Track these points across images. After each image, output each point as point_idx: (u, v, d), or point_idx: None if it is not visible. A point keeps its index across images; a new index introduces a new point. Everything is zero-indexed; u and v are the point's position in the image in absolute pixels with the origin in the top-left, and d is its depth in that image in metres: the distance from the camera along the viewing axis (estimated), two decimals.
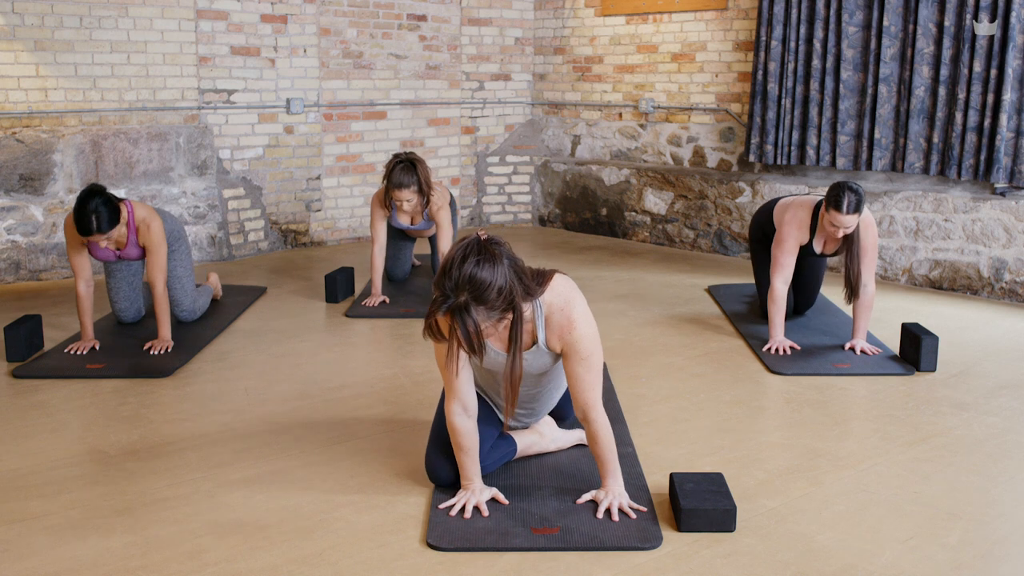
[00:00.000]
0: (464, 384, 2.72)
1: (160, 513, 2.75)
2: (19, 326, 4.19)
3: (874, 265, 4.22)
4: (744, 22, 6.70)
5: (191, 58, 6.24)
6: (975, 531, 2.66)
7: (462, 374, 2.71)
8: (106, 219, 3.99)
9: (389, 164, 4.92)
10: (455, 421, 2.72)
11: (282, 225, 6.83)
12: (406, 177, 4.86)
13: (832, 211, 4.09)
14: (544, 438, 3.13)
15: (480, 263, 2.37)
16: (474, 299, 2.37)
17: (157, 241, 4.28)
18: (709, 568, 2.45)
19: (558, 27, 7.81)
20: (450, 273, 2.38)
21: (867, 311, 4.24)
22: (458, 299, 2.36)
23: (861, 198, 4.06)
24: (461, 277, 2.36)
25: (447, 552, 2.52)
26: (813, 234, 4.34)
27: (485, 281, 2.37)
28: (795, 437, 3.36)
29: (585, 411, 2.67)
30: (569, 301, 2.64)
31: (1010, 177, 5.44)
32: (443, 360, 2.70)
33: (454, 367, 2.65)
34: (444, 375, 2.74)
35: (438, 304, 2.39)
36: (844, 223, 4.09)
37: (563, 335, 2.64)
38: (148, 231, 4.25)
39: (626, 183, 7.26)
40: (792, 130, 6.28)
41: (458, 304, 2.36)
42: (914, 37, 5.66)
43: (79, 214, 3.96)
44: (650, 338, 4.60)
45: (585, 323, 2.64)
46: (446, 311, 2.39)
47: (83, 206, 3.95)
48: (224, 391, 3.83)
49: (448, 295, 2.37)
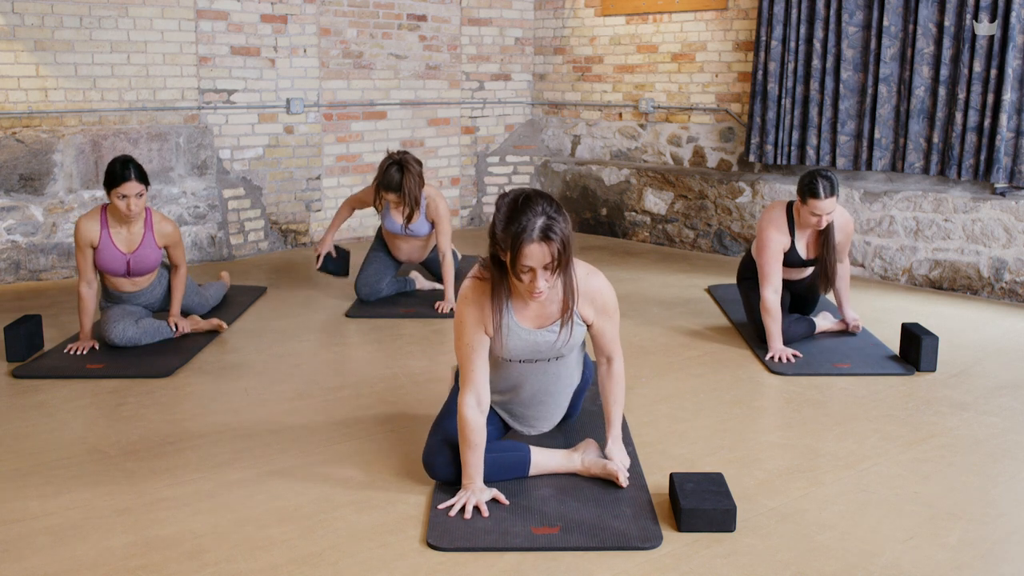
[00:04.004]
0: (482, 377, 2.75)
1: (160, 513, 2.74)
2: (19, 326, 4.19)
3: (848, 248, 4.48)
4: (744, 22, 6.70)
5: (191, 58, 6.24)
6: (975, 531, 2.66)
7: (482, 369, 2.75)
8: (140, 171, 4.16)
9: (382, 163, 4.91)
10: (467, 413, 2.72)
11: (282, 225, 6.83)
12: (396, 179, 4.84)
13: (810, 200, 4.14)
14: (572, 461, 2.96)
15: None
16: (556, 215, 2.54)
17: (177, 238, 4.44)
18: (709, 568, 2.45)
19: (558, 27, 7.81)
20: (535, 200, 2.55)
21: (846, 284, 4.54)
22: (549, 214, 2.52)
23: (834, 181, 4.16)
24: (548, 201, 2.56)
25: (447, 552, 2.52)
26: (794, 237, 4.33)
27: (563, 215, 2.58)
28: (795, 437, 3.36)
29: (611, 356, 2.95)
30: (590, 269, 2.84)
31: (1010, 177, 5.44)
32: (466, 350, 2.73)
33: (477, 348, 2.74)
34: (463, 365, 2.75)
35: (525, 222, 2.51)
36: (824, 208, 4.14)
37: (594, 298, 2.82)
38: (167, 232, 4.38)
39: (626, 183, 7.26)
40: (792, 130, 6.29)
41: (549, 218, 2.52)
42: (914, 37, 5.66)
43: (115, 165, 4.14)
44: (650, 338, 4.60)
45: (608, 285, 2.87)
46: (543, 231, 2.50)
47: (119, 161, 4.17)
48: (224, 391, 3.83)
49: (541, 213, 2.52)
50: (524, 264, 2.53)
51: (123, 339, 4.28)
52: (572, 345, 2.87)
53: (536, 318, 2.79)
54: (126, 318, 4.33)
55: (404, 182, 4.84)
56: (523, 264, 2.53)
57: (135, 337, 4.31)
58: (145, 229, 4.29)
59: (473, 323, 2.73)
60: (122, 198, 4.13)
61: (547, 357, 2.86)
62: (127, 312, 4.38)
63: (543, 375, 2.92)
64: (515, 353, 2.82)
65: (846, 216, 4.39)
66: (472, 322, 2.73)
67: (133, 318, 4.36)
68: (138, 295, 4.47)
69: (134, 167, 4.16)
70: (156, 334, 4.38)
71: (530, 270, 2.55)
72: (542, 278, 2.56)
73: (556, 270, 2.57)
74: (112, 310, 4.39)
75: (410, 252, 5.29)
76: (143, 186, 4.17)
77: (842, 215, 4.37)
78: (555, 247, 2.52)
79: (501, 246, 2.57)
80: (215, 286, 5.11)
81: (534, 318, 2.79)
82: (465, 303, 2.74)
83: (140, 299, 4.49)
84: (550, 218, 2.52)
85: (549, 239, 2.51)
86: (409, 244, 5.24)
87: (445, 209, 5.03)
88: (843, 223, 4.37)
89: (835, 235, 4.32)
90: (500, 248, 2.59)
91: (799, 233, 4.33)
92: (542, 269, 2.55)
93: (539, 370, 2.90)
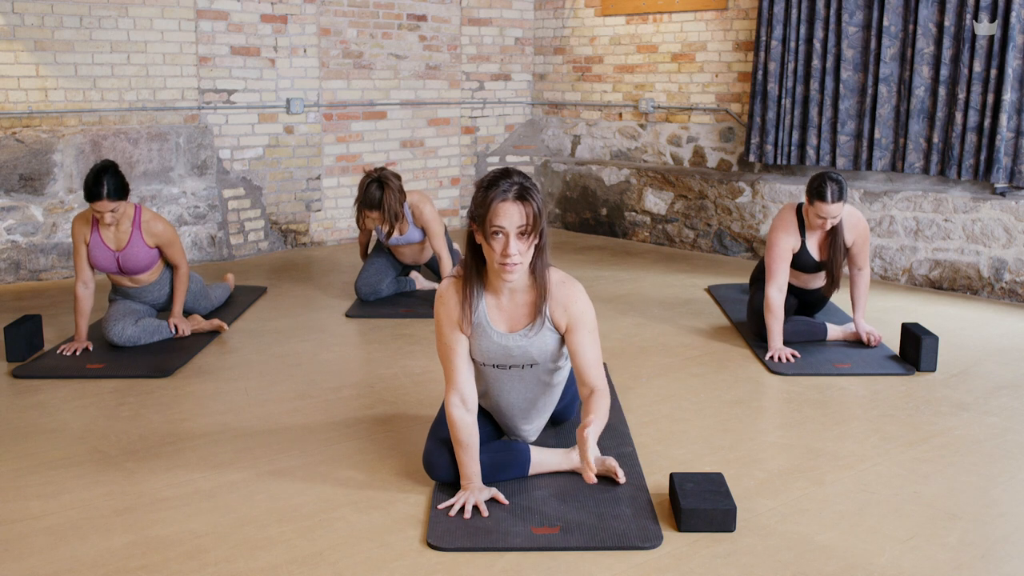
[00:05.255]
0: (464, 376, 2.75)
1: (160, 513, 2.74)
2: (19, 326, 4.19)
3: (866, 253, 4.41)
4: (744, 22, 6.70)
5: (191, 58, 6.24)
6: (975, 531, 2.66)
7: (463, 368, 2.75)
8: (114, 187, 4.09)
9: (361, 183, 4.93)
10: (453, 413, 2.73)
11: (282, 225, 6.83)
12: (376, 196, 4.87)
13: (817, 203, 4.13)
14: (571, 459, 2.96)
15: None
16: (532, 186, 2.58)
17: (170, 236, 4.37)
18: (709, 568, 2.45)
19: (558, 27, 7.81)
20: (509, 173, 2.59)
21: (862, 293, 4.45)
22: (524, 183, 2.56)
23: (843, 185, 4.13)
24: (523, 176, 2.59)
25: (447, 552, 2.52)
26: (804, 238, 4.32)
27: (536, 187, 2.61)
28: (795, 437, 3.36)
29: (594, 386, 2.73)
30: (566, 277, 2.78)
31: (1010, 177, 5.44)
32: (444, 350, 2.75)
33: (456, 348, 2.72)
34: (445, 365, 2.77)
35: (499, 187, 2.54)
36: (831, 212, 4.12)
37: (568, 306, 2.74)
38: (157, 232, 4.32)
39: (626, 183, 7.26)
40: (792, 130, 6.29)
41: (524, 185, 2.55)
42: (914, 37, 5.66)
43: (89, 180, 4.08)
44: (650, 338, 4.60)
45: (585, 296, 2.77)
46: (518, 192, 2.53)
47: (94, 173, 4.09)
48: (224, 391, 3.83)
49: (516, 182, 2.55)
50: (497, 224, 2.52)
51: (122, 338, 4.28)
52: (545, 352, 2.80)
53: (509, 320, 2.76)
54: (126, 317, 4.33)
55: (384, 199, 4.87)
56: (496, 224, 2.52)
57: (134, 336, 4.31)
58: (133, 228, 4.28)
59: (449, 322, 2.74)
60: (97, 215, 4.15)
61: (520, 363, 2.82)
62: (129, 311, 4.38)
63: (519, 382, 2.88)
64: (488, 356, 2.80)
65: (861, 221, 4.32)
66: (448, 321, 2.74)
67: (134, 317, 4.36)
68: (141, 292, 4.48)
69: (109, 182, 4.07)
70: (156, 333, 4.38)
71: (503, 235, 2.54)
72: (514, 244, 2.54)
73: (529, 236, 2.55)
74: (114, 308, 4.39)
75: (412, 255, 5.37)
76: (117, 202, 4.11)
77: (857, 219, 4.32)
78: (529, 209, 2.53)
79: (476, 217, 2.58)
80: (220, 287, 5.11)
81: (507, 320, 2.77)
82: (440, 302, 2.76)
83: (144, 296, 4.50)
84: (526, 185, 2.55)
85: (524, 199, 2.53)
86: (409, 249, 5.31)
87: (432, 212, 5.06)
88: (858, 227, 4.31)
89: (847, 237, 4.29)
90: (475, 222, 2.59)
91: (809, 234, 4.33)
92: (515, 235, 2.54)
93: (514, 377, 2.86)
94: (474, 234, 2.64)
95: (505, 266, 2.56)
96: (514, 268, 2.57)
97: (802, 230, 4.31)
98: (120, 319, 4.31)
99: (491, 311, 2.76)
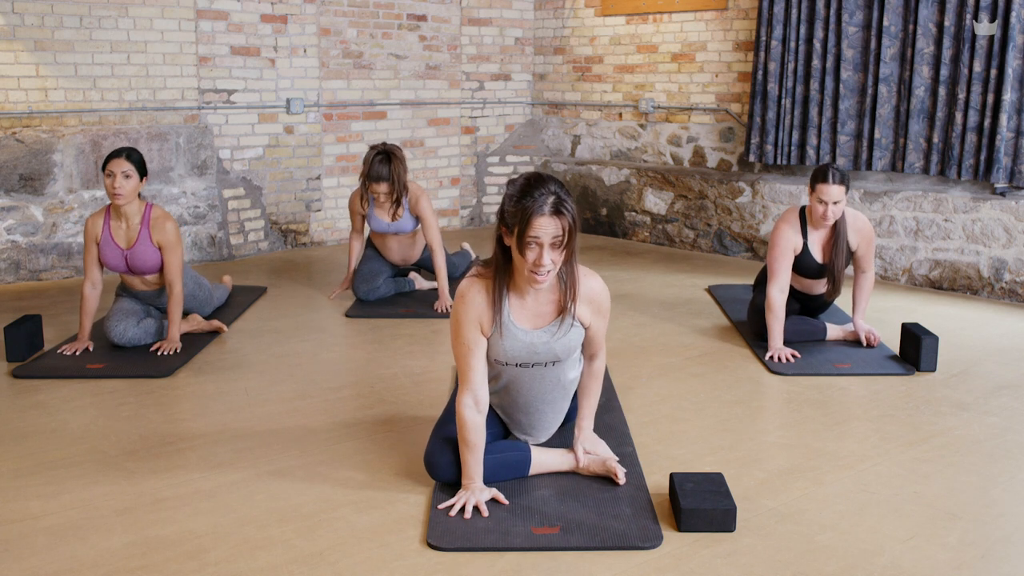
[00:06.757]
0: (480, 377, 2.75)
1: (160, 513, 2.74)
2: (19, 326, 4.19)
3: (871, 256, 4.42)
4: (744, 22, 6.70)
5: (191, 58, 6.24)
6: (975, 531, 2.66)
7: (479, 369, 2.74)
8: (137, 158, 4.19)
9: (367, 157, 4.93)
10: (465, 414, 2.72)
11: (282, 225, 6.83)
12: (384, 169, 4.89)
13: (819, 185, 4.17)
14: (571, 459, 2.96)
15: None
16: (567, 195, 2.60)
17: (173, 240, 4.29)
18: (709, 568, 2.45)
19: (558, 27, 7.81)
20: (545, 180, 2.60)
21: (865, 295, 4.47)
22: (560, 194, 2.57)
23: (845, 173, 4.19)
24: (559, 183, 2.61)
25: (447, 552, 2.52)
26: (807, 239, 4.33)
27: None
28: (795, 437, 3.36)
29: (595, 353, 2.96)
30: (587, 271, 2.82)
31: (1010, 177, 5.44)
32: (462, 350, 2.74)
33: (474, 348, 2.73)
34: (460, 365, 2.76)
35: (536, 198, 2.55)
36: (831, 195, 4.15)
37: (592, 300, 2.81)
38: (163, 229, 4.26)
39: (626, 183, 7.26)
40: (792, 130, 6.29)
41: (560, 196, 2.57)
42: (914, 37, 5.66)
43: (118, 149, 4.21)
44: (650, 338, 4.60)
45: (603, 282, 2.86)
46: (554, 205, 2.54)
47: (122, 148, 4.24)
48: (224, 391, 3.83)
49: (553, 191, 2.56)
50: (532, 235, 2.54)
51: (123, 339, 4.27)
52: (569, 348, 2.84)
53: (533, 317, 2.78)
54: (129, 318, 4.33)
55: (393, 168, 4.89)
56: (531, 235, 2.54)
57: (135, 338, 4.30)
58: (142, 225, 4.27)
59: (469, 321, 2.73)
60: (109, 175, 4.14)
61: (543, 361, 2.84)
62: (132, 310, 4.38)
63: (540, 381, 2.89)
64: (511, 356, 2.80)
65: (866, 224, 4.35)
66: (468, 320, 2.73)
67: (136, 318, 4.36)
68: (150, 295, 4.46)
69: (129, 151, 4.19)
70: (158, 336, 4.38)
71: (537, 245, 2.56)
72: (547, 255, 2.56)
73: (562, 249, 2.58)
74: (117, 306, 4.39)
75: (401, 252, 5.31)
76: (131, 166, 4.15)
77: (862, 223, 4.35)
78: (565, 222, 2.55)
79: (509, 222, 2.59)
80: (219, 289, 5.10)
81: (531, 317, 2.78)
82: (462, 301, 2.74)
83: (153, 300, 4.49)
84: (562, 197, 2.56)
85: (560, 213, 2.54)
86: (399, 242, 5.26)
87: (427, 201, 5.07)
88: (863, 230, 4.34)
89: (851, 240, 4.30)
90: (507, 226, 2.60)
91: (812, 234, 4.34)
92: (549, 246, 2.56)
93: (536, 376, 2.87)
94: (503, 236, 2.66)
95: (536, 274, 2.60)
96: (546, 277, 2.61)
97: (804, 232, 4.32)
98: (123, 319, 4.30)
99: (515, 310, 2.77)
